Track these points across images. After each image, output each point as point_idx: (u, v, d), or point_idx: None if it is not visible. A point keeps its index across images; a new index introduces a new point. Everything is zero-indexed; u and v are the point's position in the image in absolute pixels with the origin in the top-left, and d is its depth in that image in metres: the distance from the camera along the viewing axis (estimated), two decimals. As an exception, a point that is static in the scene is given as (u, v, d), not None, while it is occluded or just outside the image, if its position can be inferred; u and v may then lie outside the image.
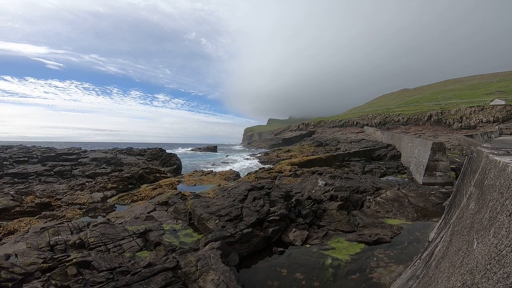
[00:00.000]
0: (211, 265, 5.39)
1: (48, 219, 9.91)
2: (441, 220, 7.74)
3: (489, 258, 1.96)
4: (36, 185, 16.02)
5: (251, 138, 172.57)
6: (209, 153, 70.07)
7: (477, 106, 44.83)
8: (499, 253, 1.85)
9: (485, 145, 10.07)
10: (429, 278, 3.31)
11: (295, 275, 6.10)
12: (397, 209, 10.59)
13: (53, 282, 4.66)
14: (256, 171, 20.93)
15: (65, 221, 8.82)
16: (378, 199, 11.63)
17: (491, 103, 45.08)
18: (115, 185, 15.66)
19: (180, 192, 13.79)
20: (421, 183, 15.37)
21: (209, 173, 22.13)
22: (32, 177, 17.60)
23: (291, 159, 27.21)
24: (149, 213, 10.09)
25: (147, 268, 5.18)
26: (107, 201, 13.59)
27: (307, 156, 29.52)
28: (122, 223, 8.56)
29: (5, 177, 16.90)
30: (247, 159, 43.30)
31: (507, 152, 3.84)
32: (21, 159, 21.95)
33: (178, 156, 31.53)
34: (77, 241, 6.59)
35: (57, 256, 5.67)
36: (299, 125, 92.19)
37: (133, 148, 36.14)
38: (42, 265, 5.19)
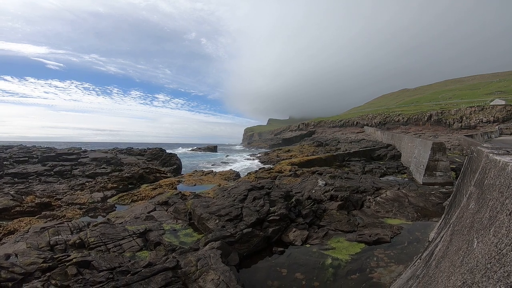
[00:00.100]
0: (211, 265, 5.39)
1: (48, 219, 9.92)
2: (441, 220, 7.74)
3: (489, 257, 1.96)
4: (36, 185, 16.02)
5: (251, 138, 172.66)
6: (209, 153, 70.17)
7: (477, 106, 44.84)
8: (499, 252, 1.85)
9: (485, 145, 10.07)
10: (429, 277, 3.31)
11: (295, 275, 6.10)
12: (397, 209, 10.58)
13: (53, 282, 4.67)
14: (256, 171, 20.94)
15: (65, 221, 8.81)
16: (378, 199, 11.62)
17: (491, 103, 45.06)
18: (115, 185, 15.66)
19: (180, 192, 13.79)
20: (421, 183, 15.36)
21: (209, 173, 22.14)
22: (32, 177, 17.61)
23: (291, 159, 27.21)
24: (149, 213, 10.09)
25: (147, 268, 5.18)
26: (107, 201, 13.60)
27: (307, 156, 29.51)
28: (122, 223, 8.57)
29: (5, 177, 16.91)
30: (247, 159, 43.36)
31: (507, 151, 3.84)
32: (21, 159, 21.97)
33: (178, 156, 31.55)
34: (77, 241, 6.60)
35: (57, 256, 5.68)
36: (299, 125, 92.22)
37: (133, 148, 36.15)
38: (42, 265, 5.19)
